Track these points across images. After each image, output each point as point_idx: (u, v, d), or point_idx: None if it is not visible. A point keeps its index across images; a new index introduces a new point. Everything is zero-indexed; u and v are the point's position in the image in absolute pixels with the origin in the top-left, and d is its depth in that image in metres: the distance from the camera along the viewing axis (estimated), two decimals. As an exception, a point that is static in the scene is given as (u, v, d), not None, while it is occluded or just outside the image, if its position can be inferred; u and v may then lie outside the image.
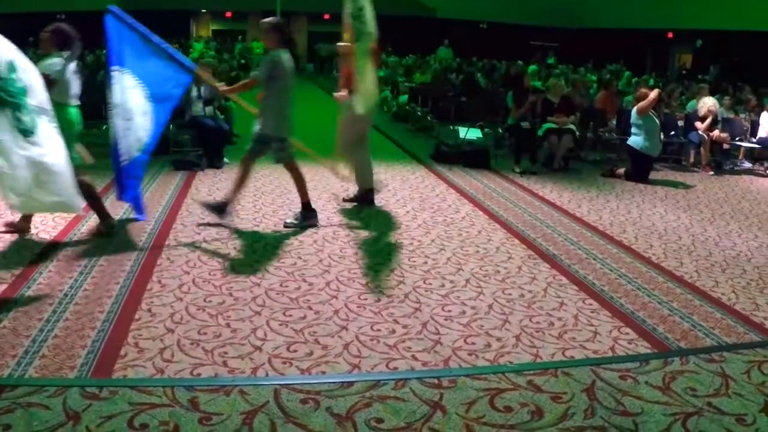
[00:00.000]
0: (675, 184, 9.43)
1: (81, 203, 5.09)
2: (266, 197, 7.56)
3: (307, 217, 6.47)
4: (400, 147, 11.85)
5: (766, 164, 11.08)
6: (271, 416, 3.09)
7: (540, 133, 10.09)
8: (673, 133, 11.13)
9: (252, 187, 8.01)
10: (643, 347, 4.08)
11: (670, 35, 27.97)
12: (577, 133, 10.31)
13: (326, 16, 34.41)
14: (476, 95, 13.84)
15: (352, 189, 7.61)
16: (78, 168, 5.21)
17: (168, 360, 3.66)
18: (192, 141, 10.25)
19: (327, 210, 7.07)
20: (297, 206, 7.13)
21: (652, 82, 17.30)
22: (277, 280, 4.97)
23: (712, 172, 10.37)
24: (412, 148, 11.64)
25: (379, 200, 7.57)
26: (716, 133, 10.75)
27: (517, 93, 10.33)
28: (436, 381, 3.49)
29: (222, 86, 7.10)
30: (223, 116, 11.05)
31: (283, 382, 3.43)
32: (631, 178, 9.46)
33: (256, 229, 6.29)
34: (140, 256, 5.39)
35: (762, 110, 11.37)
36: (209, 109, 9.78)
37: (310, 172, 8.97)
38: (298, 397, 3.26)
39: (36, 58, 5.42)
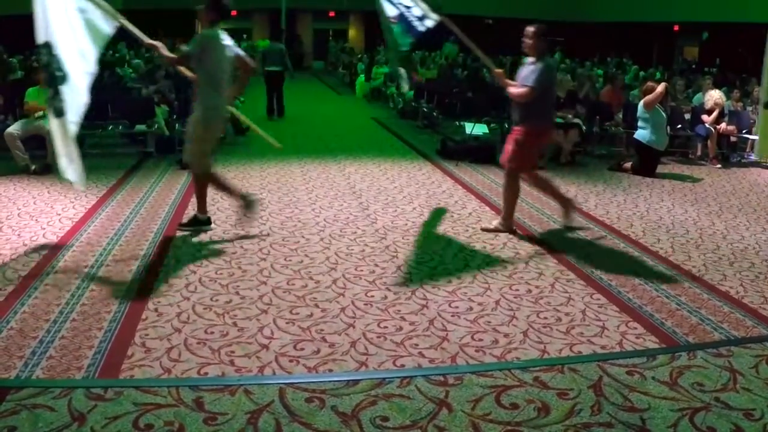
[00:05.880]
0: (682, 178, 9.39)
1: None
2: (272, 195, 7.56)
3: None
4: (406, 143, 11.85)
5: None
6: (276, 415, 3.09)
7: (546, 127, 10.05)
8: (680, 126, 11.09)
9: (258, 185, 8.03)
10: (651, 342, 4.06)
11: (676, 28, 27.84)
12: (584, 127, 10.28)
13: (331, 14, 34.44)
14: (482, 90, 13.82)
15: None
16: None
17: (175, 359, 3.66)
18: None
19: (333, 208, 7.07)
20: (303, 204, 7.14)
21: (659, 75, 17.24)
22: (283, 278, 4.97)
23: (719, 165, 10.31)
24: (418, 144, 11.63)
25: (386, 197, 7.56)
26: (723, 125, 10.69)
27: None
28: (441, 378, 3.48)
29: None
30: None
31: (288, 381, 3.42)
32: (638, 172, 9.42)
33: (262, 227, 6.28)
34: (147, 256, 5.40)
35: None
36: None
37: (322, 170, 8.98)
38: (303, 396, 3.26)
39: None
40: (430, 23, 6.64)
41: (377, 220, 6.65)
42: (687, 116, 11.35)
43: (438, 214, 6.92)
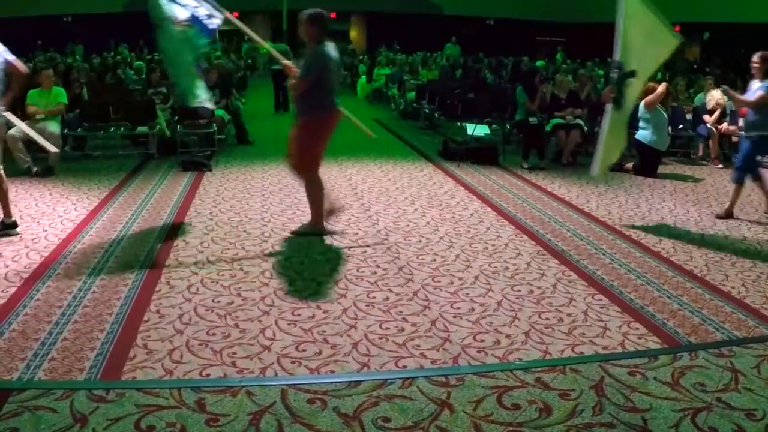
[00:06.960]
0: (684, 178, 9.38)
1: None
2: (274, 197, 7.57)
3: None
4: (407, 144, 11.85)
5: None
6: (278, 416, 3.09)
7: (548, 128, 10.07)
8: (681, 126, 11.08)
9: (260, 187, 8.04)
10: (653, 342, 4.05)
11: (678, 28, 27.80)
12: (585, 128, 10.28)
13: (332, 15, 34.42)
14: (484, 91, 13.83)
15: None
16: None
17: (177, 361, 3.66)
18: (200, 141, 10.32)
19: (334, 209, 7.07)
20: (305, 206, 7.14)
21: (660, 75, 17.21)
22: (285, 279, 4.97)
23: (721, 165, 10.30)
24: (419, 145, 11.64)
25: (388, 198, 7.57)
26: (725, 126, 10.68)
27: (529, 88, 10.31)
28: (443, 379, 3.48)
29: None
30: (230, 117, 11.10)
31: (289, 382, 3.43)
32: (639, 173, 9.41)
33: (264, 228, 6.29)
34: (148, 258, 5.41)
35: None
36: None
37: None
38: (305, 397, 3.26)
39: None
40: (218, 21, 6.52)
41: (379, 221, 6.65)
42: (688, 116, 11.35)
43: (439, 215, 6.92)
